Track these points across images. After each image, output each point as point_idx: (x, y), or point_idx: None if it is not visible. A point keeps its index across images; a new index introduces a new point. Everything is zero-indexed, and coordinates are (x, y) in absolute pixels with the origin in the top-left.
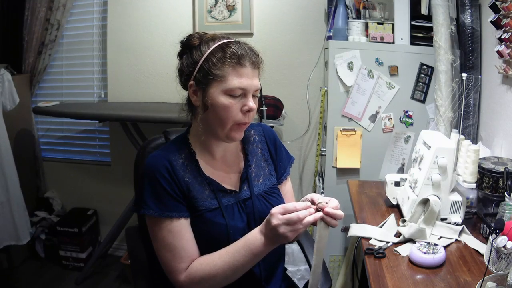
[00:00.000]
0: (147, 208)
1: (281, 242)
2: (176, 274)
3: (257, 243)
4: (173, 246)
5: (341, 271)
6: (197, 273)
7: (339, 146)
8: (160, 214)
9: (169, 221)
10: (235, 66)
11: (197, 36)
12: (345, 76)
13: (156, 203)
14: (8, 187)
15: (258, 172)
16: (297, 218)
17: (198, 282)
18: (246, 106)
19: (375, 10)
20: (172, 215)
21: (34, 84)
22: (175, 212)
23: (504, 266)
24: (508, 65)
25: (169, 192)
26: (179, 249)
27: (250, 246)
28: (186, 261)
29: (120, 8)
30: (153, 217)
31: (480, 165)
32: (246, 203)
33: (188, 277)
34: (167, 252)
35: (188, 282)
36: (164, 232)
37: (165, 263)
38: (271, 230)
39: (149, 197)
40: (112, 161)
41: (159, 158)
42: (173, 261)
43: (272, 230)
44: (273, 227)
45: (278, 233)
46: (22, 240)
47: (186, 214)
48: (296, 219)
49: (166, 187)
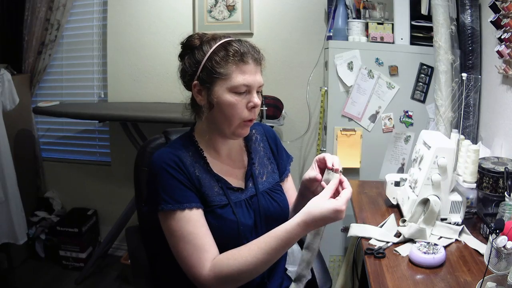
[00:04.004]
0: (164, 204)
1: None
2: (198, 267)
3: (296, 239)
4: (193, 236)
5: (341, 271)
6: (223, 268)
7: (339, 146)
8: (178, 207)
9: (187, 211)
10: (238, 63)
11: (197, 37)
12: (345, 76)
13: (171, 196)
14: (7, 187)
15: (261, 169)
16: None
17: (225, 279)
18: (252, 102)
19: (375, 10)
20: (190, 205)
21: (34, 84)
22: (192, 203)
23: (504, 266)
24: (508, 65)
25: (182, 182)
26: (200, 238)
27: (288, 243)
28: (208, 250)
29: (120, 8)
30: (170, 211)
31: (480, 165)
32: (252, 200)
33: (212, 271)
34: (186, 244)
35: (212, 277)
36: (182, 223)
37: (186, 257)
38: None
39: (163, 192)
40: (112, 161)
41: (167, 154)
42: (194, 252)
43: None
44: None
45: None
46: (19, 240)
47: (201, 206)
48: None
49: (178, 178)
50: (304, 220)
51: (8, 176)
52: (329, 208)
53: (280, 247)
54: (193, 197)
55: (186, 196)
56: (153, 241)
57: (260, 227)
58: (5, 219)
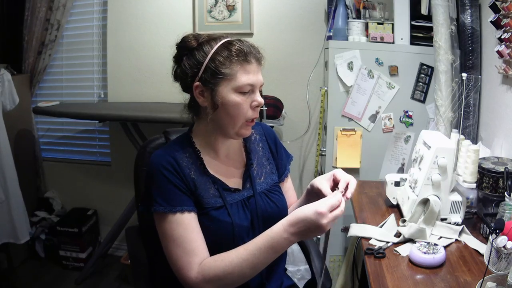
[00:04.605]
0: (157, 205)
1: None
2: (187, 270)
3: (281, 240)
4: (183, 239)
5: (341, 271)
6: (211, 269)
7: (339, 146)
8: (170, 209)
9: (179, 215)
10: (242, 63)
11: (192, 38)
12: (345, 76)
13: (164, 198)
14: (8, 186)
15: (260, 170)
16: (341, 212)
17: (211, 279)
18: (256, 102)
19: (375, 10)
20: (182, 209)
21: (34, 84)
22: (184, 206)
23: (504, 266)
24: (508, 65)
25: (177, 185)
26: (190, 242)
27: (272, 244)
28: (198, 254)
29: (120, 8)
30: (162, 213)
31: (480, 165)
32: (249, 201)
33: (201, 273)
34: (176, 247)
35: (200, 279)
36: (173, 226)
37: (175, 260)
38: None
39: (157, 193)
40: (112, 161)
41: (163, 155)
42: (183, 256)
43: (317, 229)
44: (321, 225)
45: (323, 230)
46: (21, 240)
47: (195, 209)
48: (340, 214)
49: (173, 181)
50: (288, 220)
51: (9, 176)
52: (310, 209)
53: (265, 247)
54: (187, 201)
55: (179, 199)
56: (153, 241)
57: (257, 228)
58: (6, 219)
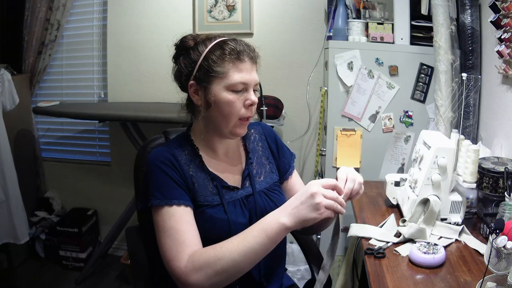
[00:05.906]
0: (154, 199)
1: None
2: (176, 260)
3: (274, 223)
4: (175, 230)
5: (341, 271)
6: (201, 256)
7: (339, 146)
8: (166, 202)
9: (175, 207)
10: (235, 61)
11: (191, 38)
12: (345, 76)
13: (161, 191)
14: (7, 187)
15: (259, 169)
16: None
17: (201, 266)
18: (249, 100)
19: (375, 10)
20: (178, 202)
21: (34, 84)
22: (181, 200)
23: (504, 266)
24: (508, 65)
25: (174, 179)
26: (181, 233)
27: (265, 227)
28: (188, 246)
29: (120, 8)
30: (159, 206)
31: (480, 165)
32: (248, 199)
33: (190, 262)
34: (167, 238)
35: (190, 269)
36: (166, 217)
37: (166, 251)
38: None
39: (155, 187)
40: (112, 161)
41: (162, 151)
42: (173, 246)
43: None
44: (312, 194)
45: (316, 205)
46: (21, 240)
47: (191, 205)
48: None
49: (171, 175)
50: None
51: (9, 176)
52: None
53: (257, 231)
54: (183, 195)
55: (176, 193)
56: (153, 241)
57: None
58: (6, 219)
